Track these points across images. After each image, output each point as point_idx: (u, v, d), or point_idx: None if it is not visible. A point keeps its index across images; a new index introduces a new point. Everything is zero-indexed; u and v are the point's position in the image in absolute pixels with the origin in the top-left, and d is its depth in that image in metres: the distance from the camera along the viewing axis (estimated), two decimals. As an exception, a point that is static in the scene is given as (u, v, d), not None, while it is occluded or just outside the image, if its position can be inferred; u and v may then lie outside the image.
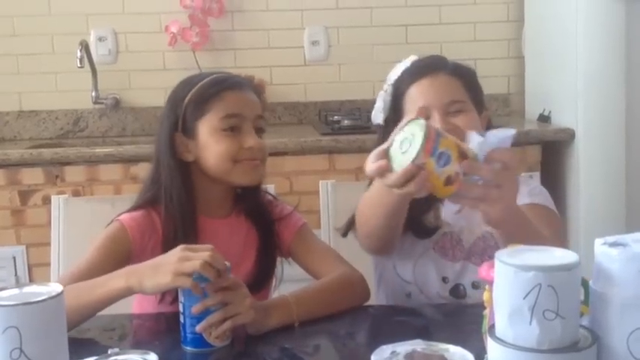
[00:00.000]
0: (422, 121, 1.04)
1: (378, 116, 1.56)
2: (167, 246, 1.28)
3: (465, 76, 1.50)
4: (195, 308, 1.14)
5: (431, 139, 1.01)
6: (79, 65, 2.77)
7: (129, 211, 1.42)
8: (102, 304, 1.21)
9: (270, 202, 1.54)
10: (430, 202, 1.48)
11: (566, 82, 2.58)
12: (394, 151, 1.05)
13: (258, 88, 1.51)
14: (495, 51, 3.10)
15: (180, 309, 1.16)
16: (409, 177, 1.03)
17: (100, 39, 2.99)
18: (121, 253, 1.35)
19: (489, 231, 1.47)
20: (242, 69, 2.98)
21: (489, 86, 3.05)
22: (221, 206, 1.47)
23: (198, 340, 1.15)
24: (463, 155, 1.03)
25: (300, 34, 3.05)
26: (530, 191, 1.48)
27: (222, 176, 1.42)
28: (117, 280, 1.19)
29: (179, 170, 1.41)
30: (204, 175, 1.43)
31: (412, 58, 1.55)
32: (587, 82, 2.49)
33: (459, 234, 1.50)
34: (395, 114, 1.52)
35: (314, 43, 3.06)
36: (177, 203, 1.39)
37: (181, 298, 1.16)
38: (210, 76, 1.45)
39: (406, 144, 1.03)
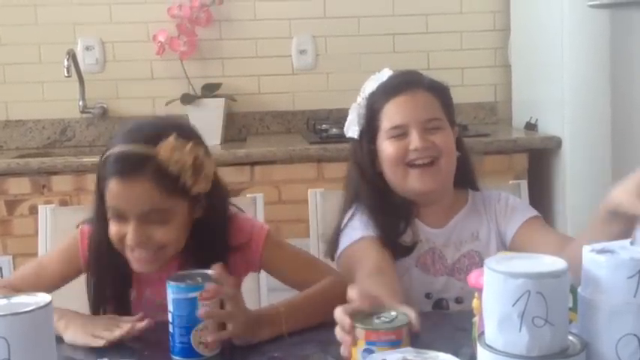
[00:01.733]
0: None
1: (352, 129, 1.57)
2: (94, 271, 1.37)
3: (441, 93, 1.51)
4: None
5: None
6: (66, 74, 2.76)
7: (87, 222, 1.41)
8: None
9: (222, 231, 1.38)
10: (406, 221, 1.49)
11: (552, 91, 2.60)
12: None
13: (163, 164, 1.26)
14: (482, 60, 3.11)
15: (170, 319, 1.16)
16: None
17: (88, 48, 2.98)
18: (70, 265, 1.41)
19: (474, 249, 1.49)
20: (230, 78, 3.01)
21: (476, 95, 3.11)
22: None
23: (187, 350, 1.14)
24: None
25: (288, 43, 3.06)
26: (524, 206, 1.52)
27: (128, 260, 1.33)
28: (56, 315, 1.15)
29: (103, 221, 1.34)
30: None
31: (386, 72, 1.55)
32: (573, 90, 2.51)
33: (442, 249, 1.50)
34: (370, 128, 1.52)
35: (302, 52, 3.06)
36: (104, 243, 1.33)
37: (170, 308, 1.16)
38: (112, 146, 1.31)
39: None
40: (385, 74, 1.54)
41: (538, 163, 2.63)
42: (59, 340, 1.21)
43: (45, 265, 1.42)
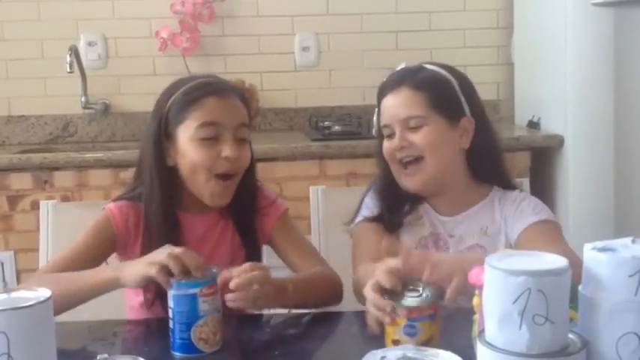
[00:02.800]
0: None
1: (373, 128, 1.60)
2: (146, 241, 1.37)
3: (431, 89, 1.48)
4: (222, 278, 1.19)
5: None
6: (68, 70, 2.76)
7: (117, 199, 1.45)
8: (90, 293, 1.26)
9: (256, 190, 1.52)
10: (411, 203, 1.52)
11: (555, 89, 2.60)
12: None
13: (247, 94, 1.48)
14: (485, 57, 3.11)
15: (170, 315, 1.16)
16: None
17: (90, 44, 2.98)
18: (104, 242, 1.40)
19: (480, 244, 1.48)
20: (232, 74, 3.00)
21: (479, 92, 3.09)
22: (203, 204, 1.44)
23: (187, 346, 1.15)
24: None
25: (291, 40, 3.05)
26: (533, 209, 1.48)
27: (195, 188, 1.41)
28: (106, 271, 1.27)
29: (159, 174, 1.40)
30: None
31: (399, 67, 1.56)
32: (576, 88, 2.50)
33: (447, 239, 1.50)
34: (377, 127, 1.56)
35: (304, 49, 3.06)
36: (156, 205, 1.39)
37: (171, 304, 1.16)
38: (197, 79, 1.43)
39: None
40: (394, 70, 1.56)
41: (540, 162, 2.62)
42: (60, 334, 1.21)
43: (78, 250, 1.39)
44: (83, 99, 2.96)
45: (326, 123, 2.80)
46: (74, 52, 2.80)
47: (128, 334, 1.32)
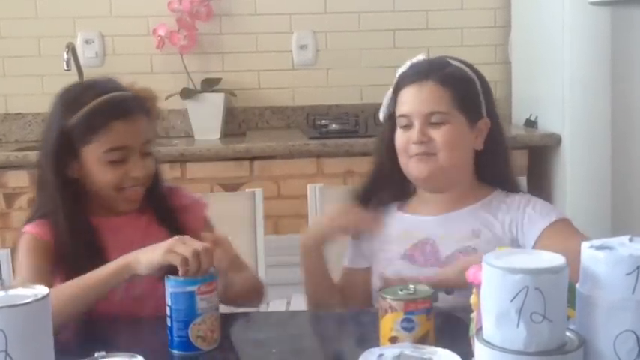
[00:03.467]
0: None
1: (382, 113, 1.56)
2: (63, 253, 1.34)
3: (457, 86, 1.47)
4: None
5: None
6: (65, 68, 2.75)
7: (30, 220, 1.41)
8: (104, 284, 1.24)
9: (171, 190, 1.52)
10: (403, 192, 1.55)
11: (552, 88, 2.60)
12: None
13: (149, 103, 1.44)
14: (482, 56, 3.09)
15: (168, 312, 1.16)
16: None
17: (87, 42, 2.98)
18: (47, 255, 1.36)
19: (472, 245, 1.44)
20: (230, 73, 3.00)
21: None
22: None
23: (185, 344, 1.15)
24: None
25: (289, 39, 3.05)
26: (540, 213, 1.45)
27: (102, 200, 1.41)
28: (116, 262, 1.24)
29: (62, 188, 1.37)
30: None
31: (419, 57, 1.54)
32: (573, 87, 2.51)
33: (437, 241, 1.46)
34: (390, 114, 1.53)
35: (302, 47, 3.06)
36: (63, 219, 1.36)
37: (169, 302, 1.16)
38: (99, 93, 1.38)
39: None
40: (416, 60, 1.53)
41: (537, 161, 2.62)
42: (58, 331, 1.21)
43: (36, 270, 1.34)
44: (80, 97, 2.95)
45: (323, 121, 2.81)
46: (71, 49, 2.80)
47: (126, 331, 1.32)
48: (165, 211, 1.46)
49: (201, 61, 2.99)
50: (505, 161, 1.55)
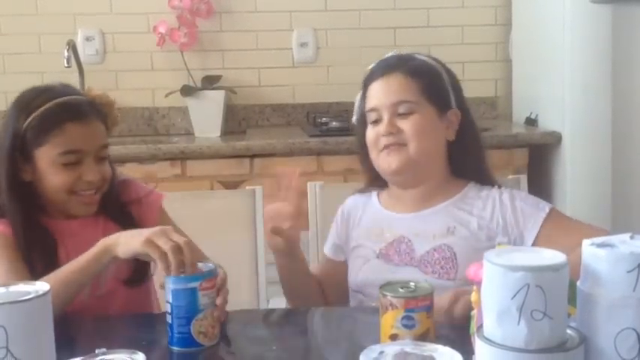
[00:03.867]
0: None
1: (354, 116, 1.58)
2: (22, 253, 1.34)
3: (424, 77, 1.47)
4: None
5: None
6: (66, 65, 2.75)
7: None
8: (87, 271, 1.24)
9: (124, 183, 1.50)
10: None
11: (553, 86, 2.60)
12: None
13: (105, 108, 1.43)
14: (483, 54, 3.11)
15: (168, 309, 1.16)
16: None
17: (88, 39, 2.98)
18: (19, 251, 1.35)
19: (447, 243, 1.42)
20: (230, 70, 3.00)
21: (477, 89, 3.10)
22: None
23: (187, 340, 1.15)
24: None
25: (289, 36, 3.05)
26: (532, 206, 1.44)
27: (57, 205, 1.39)
28: (96, 246, 1.24)
29: (16, 190, 1.36)
30: None
31: (390, 54, 1.56)
32: (573, 85, 2.51)
33: (412, 239, 1.45)
34: (362, 113, 1.54)
35: (302, 44, 3.06)
36: (20, 220, 1.36)
37: (169, 299, 1.16)
38: (53, 97, 1.38)
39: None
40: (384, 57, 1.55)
41: (538, 159, 2.63)
42: (59, 327, 1.20)
43: (12, 264, 1.34)
44: (81, 94, 2.95)
45: (324, 119, 2.81)
46: (72, 47, 2.79)
47: (126, 328, 1.32)
48: (118, 207, 1.45)
49: (201, 58, 2.99)
50: (478, 154, 1.54)
